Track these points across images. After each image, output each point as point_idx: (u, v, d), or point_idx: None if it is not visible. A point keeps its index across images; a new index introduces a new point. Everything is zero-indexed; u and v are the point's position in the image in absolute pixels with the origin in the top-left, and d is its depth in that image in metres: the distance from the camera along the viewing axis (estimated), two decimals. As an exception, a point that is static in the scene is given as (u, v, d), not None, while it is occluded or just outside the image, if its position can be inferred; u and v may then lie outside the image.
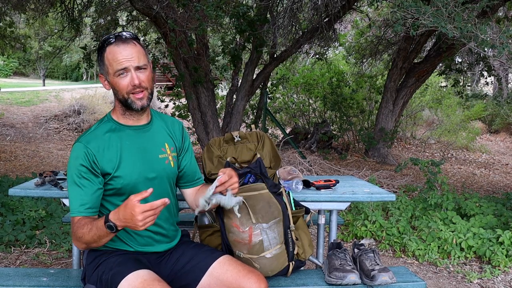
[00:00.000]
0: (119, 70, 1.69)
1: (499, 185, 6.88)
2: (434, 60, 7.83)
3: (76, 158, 1.69)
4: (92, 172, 1.69)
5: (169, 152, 1.85)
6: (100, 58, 1.73)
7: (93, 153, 1.69)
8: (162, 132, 1.86)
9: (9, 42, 9.04)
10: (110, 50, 1.70)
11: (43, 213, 3.93)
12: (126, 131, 1.78)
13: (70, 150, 1.75)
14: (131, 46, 1.70)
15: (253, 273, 1.77)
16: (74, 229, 1.67)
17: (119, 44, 1.69)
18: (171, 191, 1.88)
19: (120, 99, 1.74)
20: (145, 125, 1.82)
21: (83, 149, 1.69)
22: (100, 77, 1.78)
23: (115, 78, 1.71)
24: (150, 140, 1.82)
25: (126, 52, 1.69)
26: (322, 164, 6.96)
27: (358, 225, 4.06)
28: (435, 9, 3.64)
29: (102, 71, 1.75)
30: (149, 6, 5.49)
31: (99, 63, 1.75)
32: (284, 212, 1.99)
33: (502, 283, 3.26)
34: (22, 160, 7.32)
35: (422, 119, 11.68)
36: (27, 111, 11.77)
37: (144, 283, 1.60)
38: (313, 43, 7.78)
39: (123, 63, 1.68)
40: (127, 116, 1.78)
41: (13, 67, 24.20)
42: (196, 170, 1.99)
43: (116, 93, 1.74)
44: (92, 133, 1.74)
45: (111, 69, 1.70)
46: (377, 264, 2.10)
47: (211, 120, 6.85)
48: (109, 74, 1.72)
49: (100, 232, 1.56)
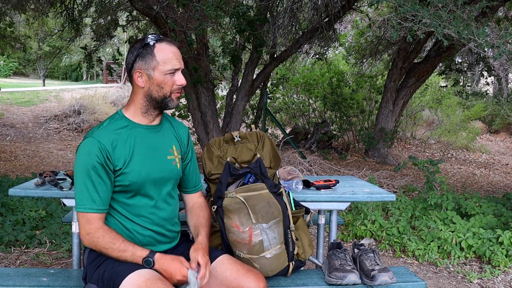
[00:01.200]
0: (172, 69, 1.72)
1: (499, 185, 6.88)
2: (434, 60, 7.84)
3: (89, 153, 1.68)
4: (105, 168, 1.69)
5: (176, 154, 1.88)
6: (144, 53, 1.71)
7: (106, 148, 1.69)
8: (170, 134, 1.89)
9: (9, 42, 9.04)
10: (162, 47, 1.71)
11: (43, 213, 3.93)
12: (138, 129, 1.78)
13: (76, 147, 1.73)
14: (177, 47, 1.75)
15: (252, 272, 1.78)
16: (89, 228, 1.68)
17: (170, 44, 1.73)
18: (174, 191, 1.91)
19: (158, 97, 1.75)
20: (157, 126, 1.84)
21: (97, 144, 1.68)
22: (137, 72, 1.73)
23: (165, 75, 1.72)
24: (160, 140, 1.84)
25: (177, 53, 1.73)
26: (322, 164, 6.96)
27: (358, 225, 4.07)
28: (434, 10, 3.63)
29: (144, 66, 1.72)
30: (149, 6, 5.49)
31: (140, 58, 1.71)
32: (284, 212, 1.99)
33: (502, 283, 3.26)
34: (22, 160, 7.32)
35: (422, 119, 11.68)
36: (27, 111, 11.77)
37: (147, 282, 1.61)
38: (313, 43, 7.78)
39: (176, 63, 1.72)
40: (146, 115, 1.80)
41: (13, 67, 24.18)
42: (198, 178, 2.03)
43: (158, 90, 1.74)
44: (105, 129, 1.73)
45: (162, 66, 1.71)
46: (377, 264, 2.10)
47: (211, 120, 6.85)
48: (157, 70, 1.71)
49: (132, 259, 1.67)
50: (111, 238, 1.69)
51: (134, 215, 1.78)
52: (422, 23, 3.59)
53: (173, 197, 1.90)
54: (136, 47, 1.74)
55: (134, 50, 1.74)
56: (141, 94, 1.76)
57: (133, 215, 1.78)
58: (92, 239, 1.70)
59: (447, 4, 3.68)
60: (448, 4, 3.67)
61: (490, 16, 5.50)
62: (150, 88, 1.74)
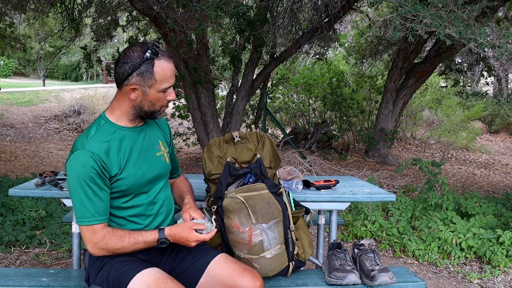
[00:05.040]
0: (168, 87, 1.73)
1: (499, 185, 6.88)
2: (434, 60, 7.83)
3: (84, 165, 1.64)
4: (102, 177, 1.67)
5: (163, 149, 1.89)
6: (144, 69, 1.65)
7: (100, 157, 1.66)
8: (154, 130, 1.90)
9: (9, 42, 9.03)
10: (161, 65, 1.69)
11: (43, 213, 3.93)
12: (124, 132, 1.77)
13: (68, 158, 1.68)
14: (173, 63, 1.76)
15: (249, 271, 1.78)
16: (96, 238, 1.67)
17: (169, 61, 1.72)
18: (166, 185, 1.93)
19: (147, 110, 1.75)
20: (142, 125, 1.84)
21: (90, 155, 1.64)
22: (132, 87, 1.68)
23: (159, 93, 1.71)
24: (146, 139, 1.83)
25: (173, 69, 1.75)
26: (322, 164, 6.96)
27: (358, 225, 4.06)
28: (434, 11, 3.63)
29: (141, 83, 1.67)
30: (149, 6, 5.49)
31: (138, 74, 1.66)
32: (284, 213, 1.99)
33: (502, 283, 3.26)
34: (22, 160, 7.32)
35: (422, 119, 11.67)
36: (27, 111, 11.77)
37: (157, 281, 1.61)
38: (313, 43, 7.78)
39: (172, 81, 1.74)
40: (132, 121, 1.79)
41: (12, 67, 24.17)
42: (177, 163, 2.08)
43: (150, 105, 1.73)
44: (94, 138, 1.69)
45: (158, 85, 1.69)
46: (377, 264, 2.10)
47: (211, 120, 6.85)
48: (153, 88, 1.69)
49: (149, 245, 1.73)
50: (118, 237, 1.69)
51: (131, 216, 1.78)
52: (423, 23, 3.59)
53: (166, 191, 1.91)
54: (133, 58, 1.65)
55: (130, 62, 1.65)
56: (130, 104, 1.73)
57: (130, 215, 1.78)
58: (102, 247, 1.69)
59: (447, 4, 3.68)
60: (449, 4, 3.67)
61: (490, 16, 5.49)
62: (142, 102, 1.72)
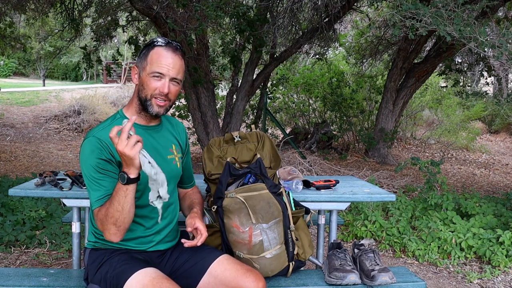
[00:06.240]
0: (156, 73, 1.72)
1: (499, 185, 6.88)
2: (434, 60, 7.84)
3: (91, 152, 1.66)
4: (110, 162, 1.68)
5: (175, 153, 1.89)
6: (144, 53, 1.76)
7: (108, 145, 1.68)
8: (169, 133, 1.91)
9: (9, 42, 9.04)
10: (158, 51, 1.73)
11: (43, 213, 3.93)
12: (138, 129, 1.78)
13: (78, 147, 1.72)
14: (177, 57, 1.75)
15: (251, 272, 1.78)
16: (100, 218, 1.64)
17: (168, 50, 1.73)
18: (174, 190, 1.92)
19: (141, 97, 1.76)
20: (156, 126, 1.85)
21: (97, 142, 1.67)
22: (133, 68, 1.80)
23: (148, 77, 1.73)
24: (160, 140, 1.84)
25: (171, 60, 1.73)
26: (322, 164, 6.96)
27: (358, 225, 4.06)
28: (435, 10, 3.63)
29: (139, 64, 1.78)
30: (149, 6, 5.49)
31: (139, 56, 1.78)
32: (284, 213, 1.99)
33: (502, 283, 3.26)
34: (22, 160, 7.32)
35: (422, 119, 11.68)
36: (27, 111, 11.77)
37: (153, 281, 1.61)
38: (313, 43, 7.79)
39: (163, 68, 1.72)
40: (142, 116, 1.81)
41: (12, 67, 24.17)
42: (192, 173, 2.07)
43: (141, 90, 1.76)
44: (105, 129, 1.72)
45: (148, 67, 1.73)
46: (377, 264, 2.10)
47: (211, 120, 6.85)
48: (144, 71, 1.74)
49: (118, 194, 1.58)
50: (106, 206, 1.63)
51: (136, 217, 1.78)
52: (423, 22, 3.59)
53: (174, 196, 1.91)
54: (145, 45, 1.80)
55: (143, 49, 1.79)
56: (136, 92, 1.80)
57: (135, 216, 1.78)
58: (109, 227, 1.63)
59: (447, 3, 3.68)
60: (449, 4, 3.67)
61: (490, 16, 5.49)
62: (139, 87, 1.78)
